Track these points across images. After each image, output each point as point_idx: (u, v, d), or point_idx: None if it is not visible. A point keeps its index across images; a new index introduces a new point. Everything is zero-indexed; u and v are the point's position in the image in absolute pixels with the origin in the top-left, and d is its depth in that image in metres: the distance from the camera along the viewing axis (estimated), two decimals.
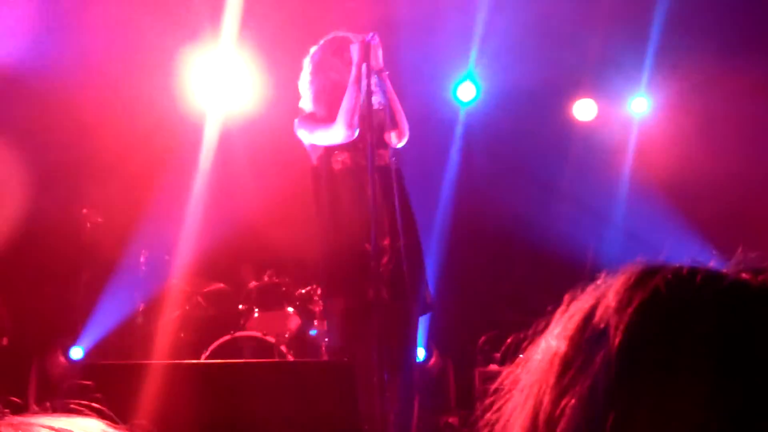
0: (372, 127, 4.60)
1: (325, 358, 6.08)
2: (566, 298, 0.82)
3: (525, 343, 0.84)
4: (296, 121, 4.97)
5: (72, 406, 0.90)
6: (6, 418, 0.80)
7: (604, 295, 0.77)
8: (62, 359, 6.77)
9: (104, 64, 6.95)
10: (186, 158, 6.99)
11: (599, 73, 8.02)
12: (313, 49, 5.04)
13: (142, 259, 6.68)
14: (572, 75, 7.99)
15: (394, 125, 4.76)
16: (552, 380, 0.75)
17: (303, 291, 6.53)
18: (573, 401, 0.72)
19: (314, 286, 6.46)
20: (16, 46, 6.75)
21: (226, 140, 7.14)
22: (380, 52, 4.77)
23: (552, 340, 0.79)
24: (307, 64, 5.03)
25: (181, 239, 6.84)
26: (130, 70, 6.98)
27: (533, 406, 0.76)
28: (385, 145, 4.82)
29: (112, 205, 6.81)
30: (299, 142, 5.01)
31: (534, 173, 7.72)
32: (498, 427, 0.81)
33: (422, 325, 5.19)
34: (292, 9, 6.97)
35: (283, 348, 6.15)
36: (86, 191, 7.00)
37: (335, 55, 4.93)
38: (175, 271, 6.78)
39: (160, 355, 6.32)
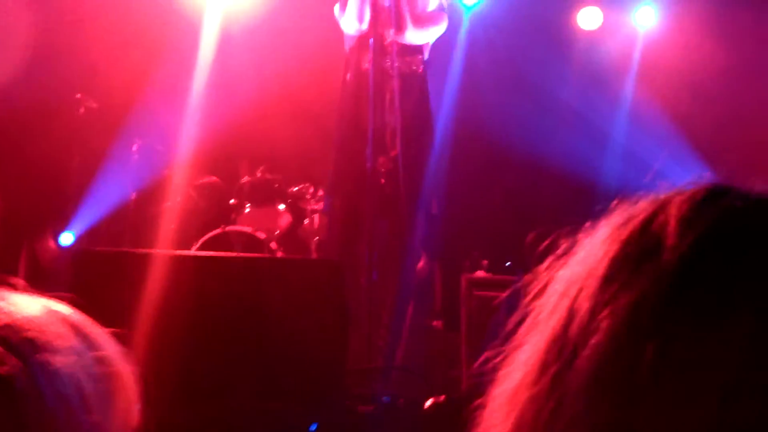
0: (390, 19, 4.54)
1: (315, 255, 6.11)
2: (615, 202, 0.74)
3: (565, 241, 0.76)
4: (337, 5, 4.91)
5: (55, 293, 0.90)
6: None
7: (665, 205, 0.69)
8: (52, 244, 6.79)
9: None
10: (187, 50, 6.88)
11: None
12: None
13: (134, 148, 6.62)
14: None
15: (402, 21, 4.63)
16: (594, 285, 0.68)
17: (295, 189, 6.51)
18: (611, 318, 0.65)
19: (307, 185, 6.45)
20: None
21: (226, 33, 7.02)
22: None
23: (600, 241, 0.71)
24: None
25: (176, 131, 6.78)
26: None
27: (568, 309, 0.69)
28: (413, 50, 4.75)
29: (108, 92, 6.73)
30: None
31: (536, 81, 7.62)
32: (526, 323, 0.75)
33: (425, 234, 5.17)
34: None
35: (272, 245, 6.16)
36: (82, 77, 6.90)
37: None
38: (168, 162, 6.74)
39: (149, 245, 6.34)
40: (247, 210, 6.52)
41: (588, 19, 8.16)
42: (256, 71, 6.98)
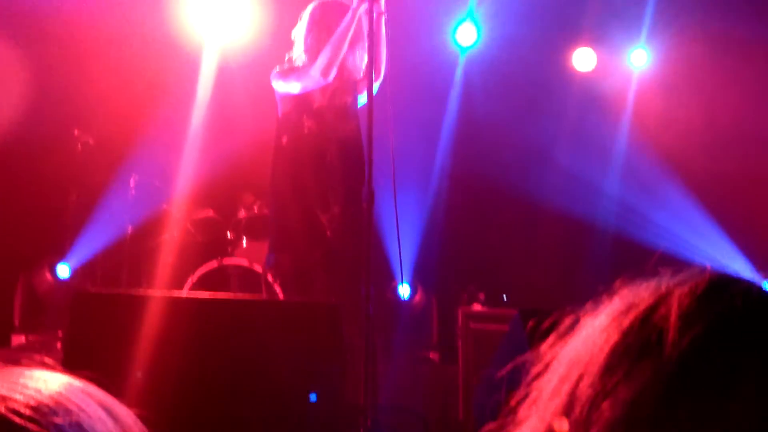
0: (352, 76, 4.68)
1: None
2: (617, 283, 0.74)
3: (568, 319, 0.77)
4: (274, 71, 4.97)
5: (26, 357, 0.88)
6: None
7: (667, 296, 0.69)
8: (49, 276, 6.80)
9: None
10: (185, 87, 6.94)
11: (600, 23, 7.95)
12: (312, 5, 5.00)
13: (132, 183, 6.65)
14: (573, 23, 7.93)
15: (374, 69, 4.68)
16: (595, 373, 0.68)
17: None
18: (611, 412, 0.65)
19: None
20: None
21: (224, 70, 7.10)
22: None
23: (601, 327, 0.71)
24: (306, 16, 5.00)
25: (174, 166, 6.83)
26: None
27: (568, 394, 0.70)
28: (348, 116, 4.88)
29: (105, 129, 6.77)
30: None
31: (532, 121, 7.70)
32: (527, 401, 0.75)
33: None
34: None
35: (269, 277, 6.19)
36: (80, 114, 6.94)
37: (334, 20, 4.85)
38: (165, 197, 6.78)
39: (146, 279, 6.36)
40: (244, 244, 6.55)
41: (582, 61, 8.26)
42: (253, 106, 7.04)
